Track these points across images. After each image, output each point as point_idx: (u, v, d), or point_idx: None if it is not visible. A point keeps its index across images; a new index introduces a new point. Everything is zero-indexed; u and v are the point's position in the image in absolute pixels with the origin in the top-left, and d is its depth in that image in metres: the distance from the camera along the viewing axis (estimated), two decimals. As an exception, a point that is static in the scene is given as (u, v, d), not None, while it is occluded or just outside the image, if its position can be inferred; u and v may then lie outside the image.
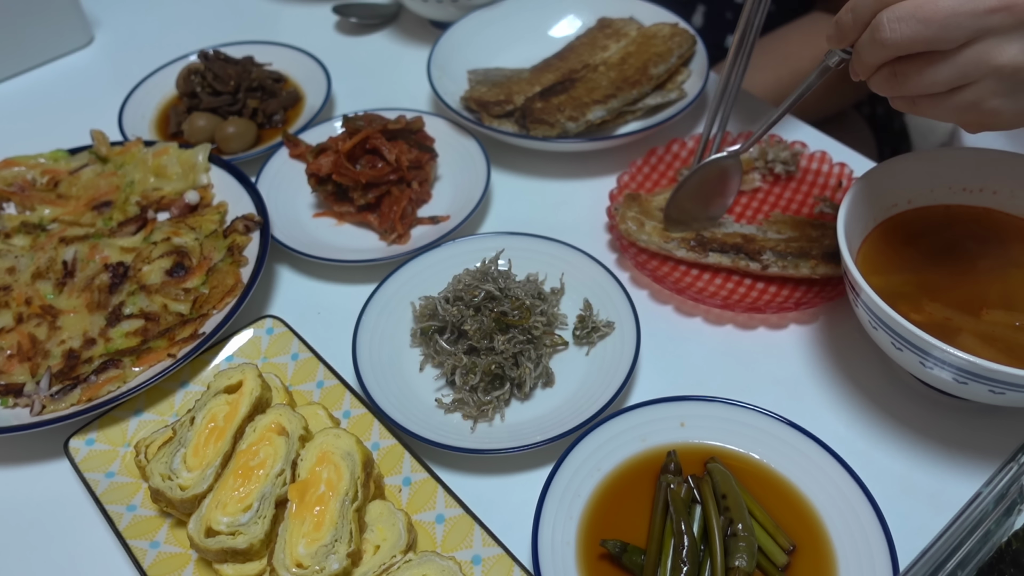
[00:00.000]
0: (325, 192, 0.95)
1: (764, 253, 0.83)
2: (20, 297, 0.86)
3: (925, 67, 0.58)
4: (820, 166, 0.96)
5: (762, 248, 0.84)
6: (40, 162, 1.01)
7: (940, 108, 0.61)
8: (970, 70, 0.57)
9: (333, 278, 0.92)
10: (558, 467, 0.66)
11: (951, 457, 0.71)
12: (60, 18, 1.28)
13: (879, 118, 1.42)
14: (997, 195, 0.78)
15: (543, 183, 1.01)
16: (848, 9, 0.61)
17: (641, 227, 0.86)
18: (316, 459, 0.67)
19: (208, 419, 0.71)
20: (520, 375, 0.76)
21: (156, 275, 0.87)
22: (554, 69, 1.07)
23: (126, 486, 0.72)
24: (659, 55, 1.05)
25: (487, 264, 0.84)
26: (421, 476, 0.69)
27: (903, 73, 0.60)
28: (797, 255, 0.83)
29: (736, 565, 0.60)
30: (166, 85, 1.15)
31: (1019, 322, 0.69)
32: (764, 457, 0.68)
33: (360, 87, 1.18)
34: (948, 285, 0.73)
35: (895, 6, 0.57)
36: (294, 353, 0.80)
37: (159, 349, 0.80)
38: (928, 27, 0.56)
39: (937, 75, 0.58)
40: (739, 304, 0.82)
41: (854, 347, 0.80)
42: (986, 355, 0.61)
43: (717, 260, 0.85)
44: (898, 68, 0.60)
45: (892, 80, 0.61)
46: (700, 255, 0.85)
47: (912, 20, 0.56)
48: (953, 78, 0.58)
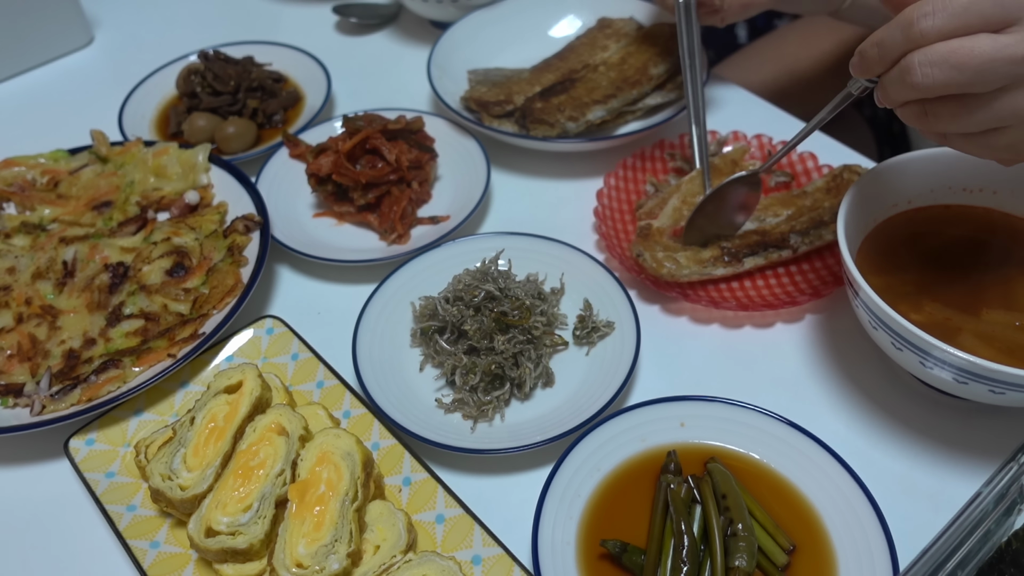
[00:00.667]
0: (325, 192, 0.95)
1: (788, 238, 0.84)
2: (20, 297, 0.86)
3: (959, 110, 0.57)
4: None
5: (782, 234, 0.85)
6: (40, 162, 1.01)
7: (974, 146, 0.60)
8: (1006, 115, 0.56)
9: (333, 278, 0.92)
10: (558, 467, 0.66)
11: (951, 457, 0.71)
12: (60, 18, 1.28)
13: (879, 119, 1.42)
14: (997, 195, 0.78)
15: (543, 183, 1.01)
16: (874, 43, 0.58)
17: (678, 264, 0.82)
18: (316, 459, 0.67)
19: (208, 419, 0.71)
20: (520, 375, 0.76)
21: (156, 275, 0.87)
22: (554, 69, 1.07)
23: (126, 486, 0.72)
24: (659, 55, 1.05)
25: (487, 264, 0.84)
26: (421, 476, 0.69)
27: (935, 113, 0.58)
28: (814, 226, 0.84)
29: (736, 565, 0.60)
30: (166, 85, 1.15)
31: (1019, 322, 0.70)
32: (764, 457, 0.68)
33: (360, 87, 1.18)
34: (948, 285, 0.73)
35: (927, 49, 0.55)
36: (294, 353, 0.80)
37: (159, 349, 0.80)
38: (962, 73, 0.54)
39: (971, 118, 0.57)
40: (754, 304, 0.82)
41: (854, 347, 0.80)
42: (986, 355, 0.61)
43: (753, 263, 0.84)
44: (929, 108, 0.58)
45: (923, 118, 0.59)
46: (737, 266, 0.84)
47: (945, 65, 0.54)
48: (988, 122, 0.57)
